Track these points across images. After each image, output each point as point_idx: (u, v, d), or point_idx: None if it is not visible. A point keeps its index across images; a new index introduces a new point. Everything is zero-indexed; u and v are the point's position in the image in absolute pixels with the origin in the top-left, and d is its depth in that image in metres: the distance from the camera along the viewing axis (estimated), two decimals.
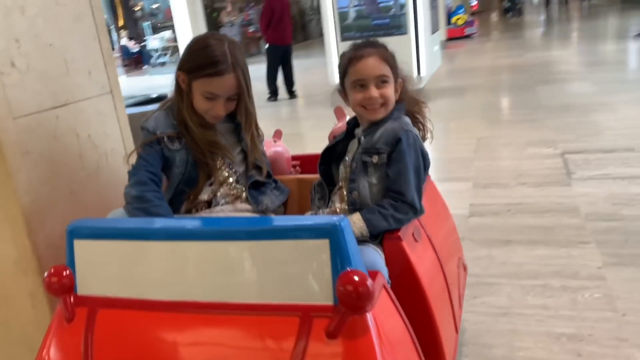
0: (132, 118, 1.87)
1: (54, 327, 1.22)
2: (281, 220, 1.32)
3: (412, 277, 1.37)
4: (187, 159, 1.58)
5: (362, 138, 1.51)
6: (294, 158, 1.92)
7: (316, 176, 1.73)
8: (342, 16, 6.61)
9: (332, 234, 1.04)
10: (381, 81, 1.50)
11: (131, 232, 1.21)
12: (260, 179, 1.66)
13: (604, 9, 17.60)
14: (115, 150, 1.79)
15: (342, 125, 1.76)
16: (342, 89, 1.59)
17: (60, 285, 1.19)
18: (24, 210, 1.43)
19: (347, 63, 1.54)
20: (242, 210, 1.58)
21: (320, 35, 7.63)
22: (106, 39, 1.76)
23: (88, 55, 1.69)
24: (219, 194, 1.61)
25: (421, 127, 1.60)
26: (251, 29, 17.16)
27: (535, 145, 4.40)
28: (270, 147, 1.84)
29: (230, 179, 1.63)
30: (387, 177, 1.43)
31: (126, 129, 1.83)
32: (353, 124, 1.60)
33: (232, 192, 1.62)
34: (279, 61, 7.64)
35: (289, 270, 1.07)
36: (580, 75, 7.11)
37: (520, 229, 2.95)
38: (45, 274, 1.20)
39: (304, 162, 1.92)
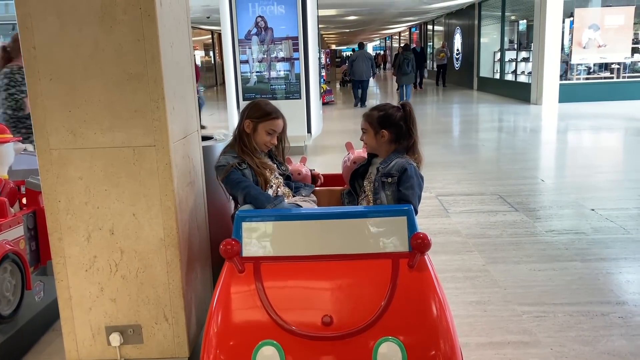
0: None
1: (227, 277, 1.92)
2: (380, 207, 2.23)
3: None
4: (252, 173, 2.44)
5: (380, 167, 2.44)
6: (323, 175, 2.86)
7: (338, 188, 2.66)
8: (244, 79, 7.60)
9: (408, 213, 1.99)
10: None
11: (281, 217, 2.03)
12: (295, 183, 2.63)
13: (432, 88, 20.96)
14: (197, 169, 2.53)
15: (357, 154, 2.70)
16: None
17: (232, 251, 1.91)
18: (176, 203, 2.14)
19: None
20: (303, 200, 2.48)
21: None
22: (195, 87, 2.54)
23: (190, 98, 2.45)
24: (279, 191, 2.48)
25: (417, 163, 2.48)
26: None
27: None
28: (300, 168, 2.76)
29: (281, 183, 2.54)
30: (399, 191, 2.36)
31: (201, 156, 2.59)
32: (371, 156, 2.55)
33: (285, 192, 2.51)
34: None
35: (385, 234, 1.97)
36: (432, 140, 8.87)
37: None
38: (221, 245, 1.91)
39: (327, 178, 2.84)
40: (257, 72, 7.55)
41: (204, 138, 2.84)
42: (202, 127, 7.66)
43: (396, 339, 1.75)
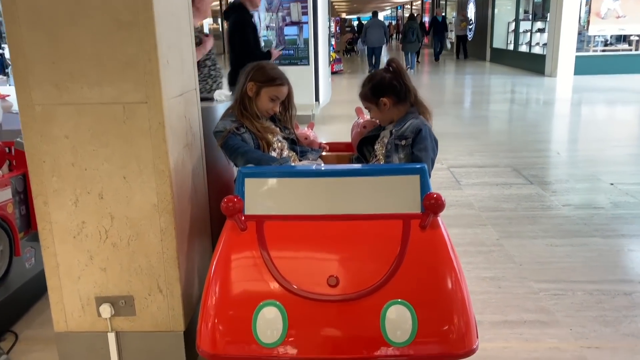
0: None
1: (228, 235, 1.77)
2: (391, 165, 2.08)
3: None
4: (252, 137, 2.29)
5: (394, 130, 2.27)
6: (327, 144, 2.67)
7: (346, 153, 2.50)
8: None
9: (421, 171, 1.81)
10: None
11: (284, 174, 1.88)
12: (301, 148, 2.48)
13: (448, 59, 20.49)
14: (195, 130, 2.34)
15: (367, 119, 2.51)
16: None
17: (234, 208, 1.76)
18: (170, 166, 1.96)
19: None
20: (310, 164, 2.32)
21: None
22: (193, 43, 2.34)
23: (187, 53, 2.25)
24: (283, 154, 2.33)
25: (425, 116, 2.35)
26: None
27: None
28: (307, 133, 2.58)
29: (285, 146, 2.38)
30: (412, 153, 2.21)
31: (200, 117, 2.40)
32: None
33: (290, 155, 2.36)
34: None
35: (396, 193, 1.80)
36: (444, 110, 8.61)
37: None
38: (222, 202, 1.76)
39: (333, 147, 2.67)
40: (263, 36, 7.28)
41: (204, 99, 2.64)
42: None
43: (406, 302, 1.61)
